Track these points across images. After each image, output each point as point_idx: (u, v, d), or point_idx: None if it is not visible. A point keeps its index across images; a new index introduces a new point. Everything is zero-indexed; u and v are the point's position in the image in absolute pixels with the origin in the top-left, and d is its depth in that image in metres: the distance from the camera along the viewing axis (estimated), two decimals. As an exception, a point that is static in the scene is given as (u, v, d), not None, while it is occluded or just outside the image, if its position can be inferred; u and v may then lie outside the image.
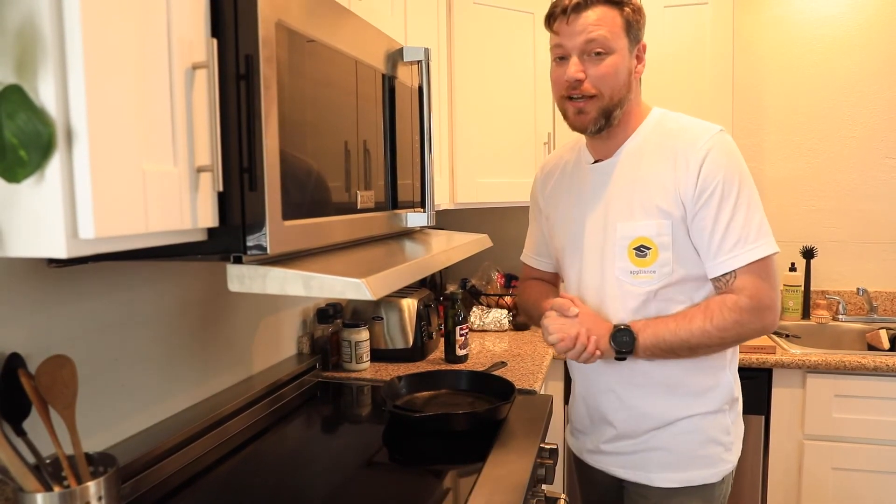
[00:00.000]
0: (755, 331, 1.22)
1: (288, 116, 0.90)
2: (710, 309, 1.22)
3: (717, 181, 1.20)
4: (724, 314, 1.20)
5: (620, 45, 1.24)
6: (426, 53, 1.35)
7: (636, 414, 1.33)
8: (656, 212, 1.25)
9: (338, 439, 1.47)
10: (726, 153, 1.23)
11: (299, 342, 1.88)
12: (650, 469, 1.33)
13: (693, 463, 1.30)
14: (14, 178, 0.62)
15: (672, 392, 1.30)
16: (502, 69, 2.31)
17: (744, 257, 1.20)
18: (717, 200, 1.20)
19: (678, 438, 1.31)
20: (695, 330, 1.21)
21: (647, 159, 1.28)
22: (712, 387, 1.30)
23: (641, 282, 1.27)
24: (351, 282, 0.86)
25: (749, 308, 1.19)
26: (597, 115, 1.26)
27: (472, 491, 1.15)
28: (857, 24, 2.55)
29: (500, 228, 2.84)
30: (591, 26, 1.22)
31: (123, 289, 1.21)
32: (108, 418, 1.17)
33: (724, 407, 1.32)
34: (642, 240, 1.26)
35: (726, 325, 1.20)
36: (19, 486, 0.86)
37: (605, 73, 1.24)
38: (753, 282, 1.20)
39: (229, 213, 0.85)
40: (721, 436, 1.31)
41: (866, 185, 2.59)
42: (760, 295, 1.20)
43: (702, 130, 1.25)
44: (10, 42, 0.63)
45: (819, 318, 2.54)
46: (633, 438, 1.34)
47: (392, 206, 1.31)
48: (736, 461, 1.34)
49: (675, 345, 1.23)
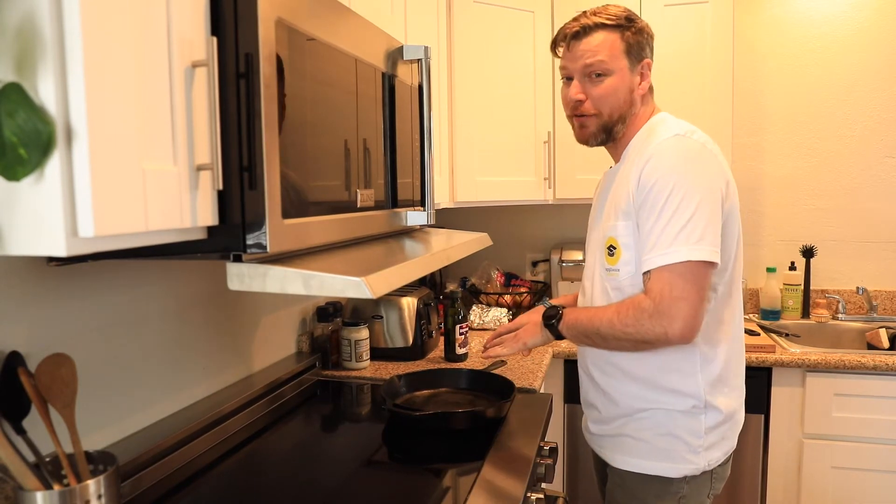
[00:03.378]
0: (655, 335, 1.21)
1: (288, 115, 0.90)
2: (623, 304, 1.27)
3: (650, 184, 1.25)
4: (629, 311, 1.24)
5: (619, 66, 1.32)
6: (426, 52, 1.35)
7: (608, 400, 1.41)
8: (620, 213, 1.32)
9: (337, 438, 1.47)
10: (667, 158, 1.25)
11: (299, 341, 1.88)
12: (616, 451, 1.41)
13: (651, 453, 1.35)
14: (14, 176, 0.62)
15: (639, 385, 1.35)
16: (502, 68, 2.30)
17: (654, 261, 1.23)
18: (649, 204, 1.25)
19: (644, 429, 1.36)
20: (605, 320, 1.27)
21: (625, 164, 1.36)
22: (677, 389, 1.33)
23: (611, 279, 1.35)
24: (351, 280, 0.86)
25: (649, 310, 1.21)
26: (596, 131, 1.37)
27: (471, 490, 1.15)
28: (857, 24, 2.55)
29: (499, 227, 2.85)
30: (589, 52, 1.32)
31: (123, 287, 1.21)
32: (108, 417, 1.17)
33: (694, 410, 1.33)
34: (611, 240, 1.35)
35: (628, 322, 1.24)
36: (19, 484, 0.86)
37: (604, 94, 1.33)
38: (659, 286, 1.22)
39: (229, 212, 0.85)
40: (686, 435, 1.33)
41: (866, 184, 2.59)
42: (661, 300, 1.20)
43: (658, 136, 1.30)
44: (9, 40, 0.63)
45: (819, 317, 2.54)
46: (608, 423, 1.42)
47: (392, 205, 1.31)
48: (704, 465, 1.34)
49: (588, 330, 1.31)
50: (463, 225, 2.80)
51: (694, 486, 1.35)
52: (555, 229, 2.83)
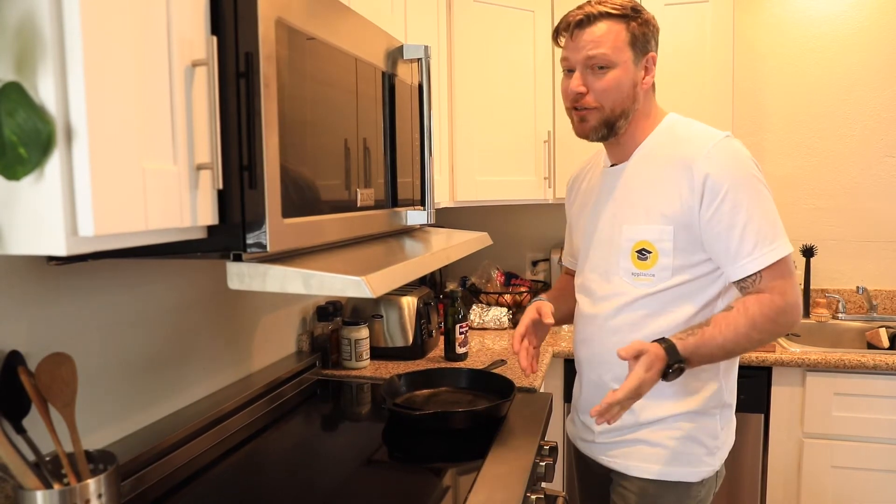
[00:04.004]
0: (785, 327, 1.23)
1: (288, 114, 0.90)
2: (751, 314, 1.21)
3: (725, 187, 1.22)
4: (766, 317, 1.21)
5: (623, 58, 1.28)
6: (426, 51, 1.35)
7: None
8: (659, 217, 1.27)
9: (337, 437, 1.47)
10: (732, 157, 1.24)
11: (299, 340, 1.88)
12: (630, 459, 1.35)
13: (672, 459, 1.31)
14: (14, 175, 0.62)
15: (659, 390, 1.27)
16: (502, 67, 2.30)
17: (766, 258, 1.21)
18: (730, 205, 1.21)
19: (661, 434, 1.32)
20: (741, 339, 1.22)
21: (655, 165, 1.31)
22: (699, 389, 1.30)
23: (641, 283, 1.30)
24: (351, 279, 0.86)
25: (782, 307, 1.21)
26: (597, 125, 1.31)
27: (471, 489, 1.15)
28: (857, 23, 2.54)
29: (499, 227, 2.85)
30: (592, 43, 1.27)
31: (123, 286, 1.21)
32: (108, 416, 1.17)
33: (712, 410, 1.31)
34: (644, 243, 1.29)
35: (765, 328, 1.21)
36: (19, 483, 0.86)
37: (607, 87, 1.28)
38: (780, 282, 1.21)
39: (229, 211, 0.85)
40: (705, 438, 1.31)
41: (866, 183, 2.59)
42: (788, 294, 1.21)
43: (707, 137, 1.27)
44: (9, 39, 0.63)
45: (819, 316, 2.54)
46: (620, 431, 1.36)
47: (392, 204, 1.31)
48: (719, 466, 1.34)
49: (718, 357, 1.25)
50: (463, 224, 2.80)
51: (707, 488, 1.34)
52: (555, 229, 2.83)
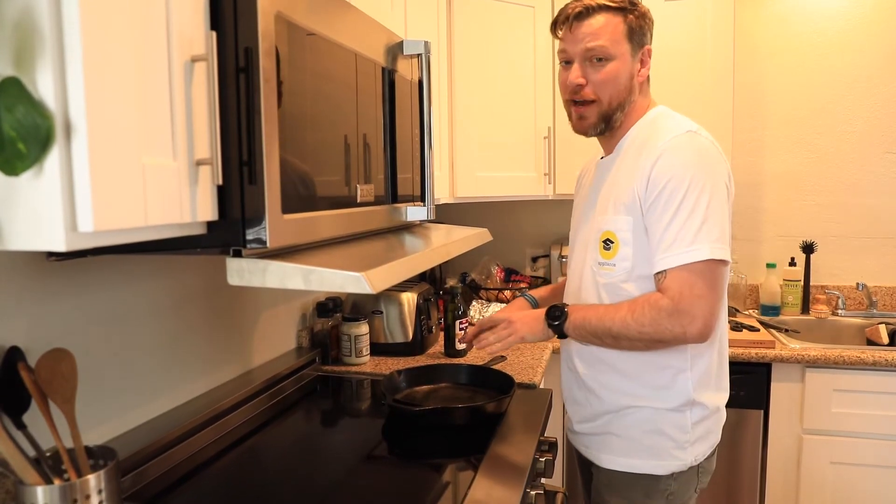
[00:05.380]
0: (673, 335, 1.20)
1: (287, 110, 0.90)
2: (636, 303, 1.24)
3: (664, 181, 1.22)
4: (644, 310, 1.21)
5: (621, 51, 1.29)
6: (426, 47, 1.35)
7: (593, 396, 1.38)
8: (621, 208, 1.29)
9: (337, 433, 1.48)
10: (682, 154, 1.23)
11: (299, 336, 1.88)
12: (601, 449, 1.39)
13: (638, 451, 1.33)
14: (13, 171, 0.62)
15: (627, 382, 1.33)
16: (502, 63, 2.30)
17: (673, 259, 1.20)
18: (663, 201, 1.22)
19: (630, 426, 1.34)
20: (617, 319, 1.24)
21: (624, 157, 1.33)
22: (667, 386, 1.31)
23: (605, 273, 1.33)
24: (351, 275, 0.86)
25: (668, 309, 1.19)
26: (596, 121, 1.33)
27: (471, 484, 1.15)
28: (857, 19, 2.54)
29: (499, 223, 2.85)
30: (590, 35, 1.28)
31: (123, 282, 1.21)
32: (108, 412, 1.17)
33: (681, 407, 1.31)
34: (608, 233, 1.32)
35: (644, 321, 1.21)
36: (20, 479, 0.86)
37: (605, 79, 1.30)
38: (678, 285, 1.19)
39: (229, 207, 0.85)
40: (673, 431, 1.32)
41: (866, 179, 2.59)
42: (681, 299, 1.19)
43: (668, 131, 1.27)
44: (8, 34, 0.62)
45: (818, 312, 2.54)
46: (593, 421, 1.40)
47: (392, 200, 1.31)
48: (691, 460, 1.33)
49: (599, 330, 1.27)
50: (463, 220, 2.80)
51: (681, 482, 1.34)
52: (555, 225, 2.83)
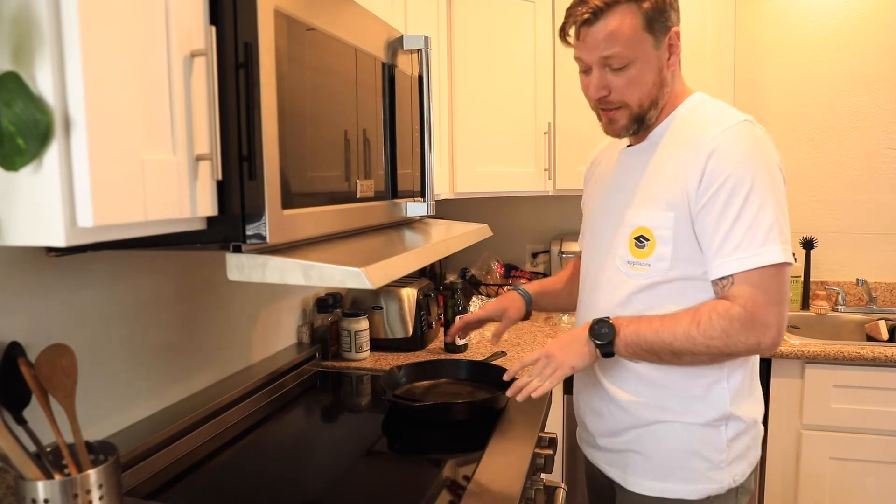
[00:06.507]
0: (746, 346, 1.10)
1: (287, 105, 0.90)
2: (700, 313, 1.12)
3: (724, 176, 1.10)
4: (712, 320, 1.10)
5: (642, 49, 1.16)
6: (426, 42, 1.34)
7: (617, 409, 1.25)
8: (661, 203, 1.17)
9: (337, 428, 1.48)
10: (741, 146, 1.12)
11: (299, 332, 1.89)
12: (626, 470, 1.26)
13: (671, 474, 1.21)
14: (12, 166, 0.62)
15: (656, 392, 1.21)
16: (503, 58, 2.29)
17: (744, 262, 1.09)
18: (724, 197, 1.10)
19: (659, 445, 1.22)
20: (679, 333, 1.12)
21: (665, 148, 1.21)
22: (700, 397, 1.19)
23: (636, 274, 1.20)
24: (350, 271, 0.86)
25: (740, 319, 1.08)
26: (627, 123, 1.21)
27: (471, 480, 1.15)
28: (858, 15, 2.53)
29: (499, 218, 2.84)
30: (604, 42, 1.14)
31: (123, 278, 1.21)
32: (109, 407, 1.18)
33: (716, 422, 1.19)
34: (642, 230, 1.19)
35: (713, 333, 1.09)
36: (20, 473, 0.86)
37: (628, 85, 1.17)
38: (751, 291, 1.08)
39: (228, 202, 0.85)
40: (708, 451, 1.20)
41: (867, 175, 2.59)
42: (755, 307, 1.08)
43: (718, 120, 1.16)
44: (6, 29, 0.62)
45: (818, 308, 2.54)
46: (617, 436, 1.27)
47: (392, 196, 1.31)
48: (729, 482, 1.21)
49: (656, 346, 1.14)
50: (463, 216, 2.79)
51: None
52: (555, 220, 2.83)
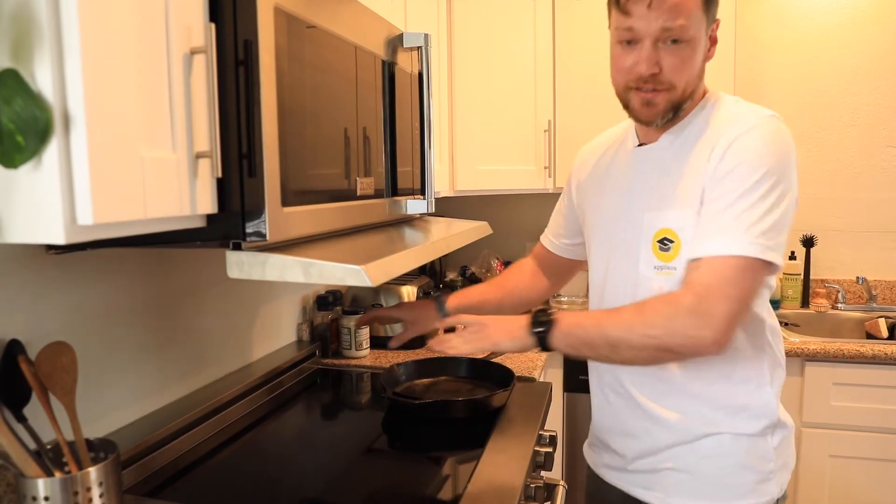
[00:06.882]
0: (687, 338, 0.98)
1: (287, 102, 0.90)
2: (647, 302, 1.04)
3: (737, 161, 1.02)
4: (657, 308, 1.00)
5: (699, 29, 1.06)
6: (426, 39, 1.34)
7: (658, 427, 1.16)
8: (683, 201, 1.09)
9: (337, 426, 1.48)
10: (765, 138, 1.04)
11: (299, 329, 1.89)
12: (668, 491, 1.15)
13: (719, 492, 1.12)
14: (11, 163, 0.62)
15: (701, 403, 1.12)
16: (503, 56, 2.29)
17: (716, 247, 0.99)
18: (729, 181, 1.02)
19: (703, 461, 1.12)
20: (618, 322, 1.02)
21: (687, 146, 1.12)
22: (746, 405, 1.11)
23: (663, 278, 1.10)
24: (350, 268, 0.86)
25: (688, 305, 0.98)
26: (665, 108, 1.10)
27: (471, 477, 1.15)
28: (858, 13, 2.53)
29: (499, 216, 2.84)
30: (668, 13, 1.03)
31: (123, 275, 1.21)
32: (109, 404, 1.18)
33: (764, 430, 1.12)
34: (666, 231, 1.10)
35: (656, 321, 0.99)
36: (20, 471, 0.86)
37: (681, 65, 1.06)
38: (709, 279, 0.98)
39: (228, 200, 0.85)
40: (757, 462, 1.11)
41: (867, 173, 2.59)
42: (707, 294, 0.97)
43: (743, 115, 1.09)
44: (5, 26, 0.62)
45: (818, 306, 2.54)
46: (655, 455, 1.17)
47: (392, 193, 1.31)
48: (778, 493, 1.13)
49: (593, 336, 1.05)
50: (463, 213, 2.79)
51: None
52: (555, 218, 2.82)
